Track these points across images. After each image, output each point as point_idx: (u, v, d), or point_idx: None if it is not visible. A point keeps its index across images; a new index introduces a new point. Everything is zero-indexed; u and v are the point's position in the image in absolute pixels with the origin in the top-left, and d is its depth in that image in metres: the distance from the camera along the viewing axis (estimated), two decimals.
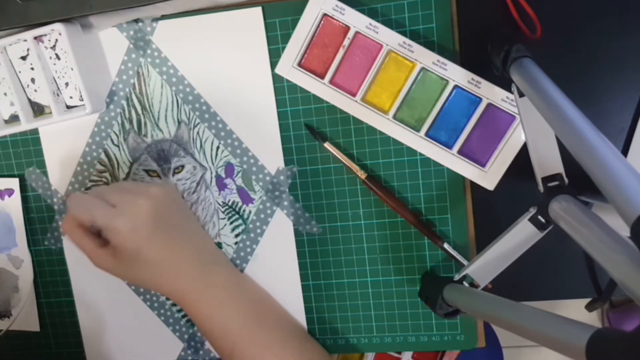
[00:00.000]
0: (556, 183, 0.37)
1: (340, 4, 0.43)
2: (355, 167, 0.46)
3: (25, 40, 0.47)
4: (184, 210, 0.48)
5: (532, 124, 0.37)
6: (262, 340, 0.45)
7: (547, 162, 0.37)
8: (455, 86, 0.43)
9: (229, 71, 0.47)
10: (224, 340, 0.45)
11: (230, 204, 0.49)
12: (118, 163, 0.50)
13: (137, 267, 0.43)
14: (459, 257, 0.45)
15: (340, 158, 0.46)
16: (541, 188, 0.37)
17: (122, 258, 0.43)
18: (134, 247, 0.42)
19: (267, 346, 0.45)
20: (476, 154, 0.44)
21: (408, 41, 0.43)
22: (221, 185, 0.49)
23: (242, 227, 0.50)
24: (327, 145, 0.46)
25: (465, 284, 0.41)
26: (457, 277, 0.41)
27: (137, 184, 0.46)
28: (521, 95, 0.38)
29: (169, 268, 0.44)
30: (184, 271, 0.44)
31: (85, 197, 0.43)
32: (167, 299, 0.52)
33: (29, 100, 0.50)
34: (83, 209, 0.42)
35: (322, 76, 0.45)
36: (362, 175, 0.46)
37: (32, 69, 0.48)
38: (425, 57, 0.43)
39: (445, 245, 0.46)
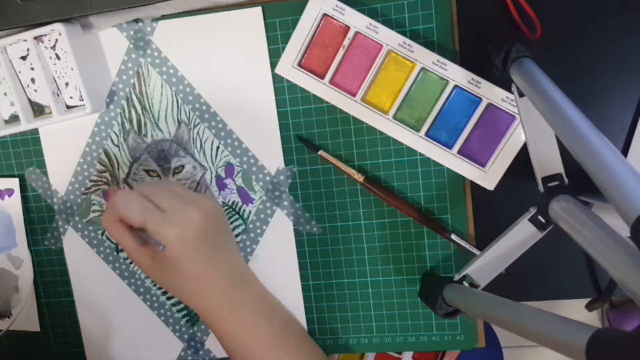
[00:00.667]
0: (556, 183, 0.37)
1: (340, 4, 0.43)
2: (352, 172, 0.46)
3: (25, 40, 0.47)
4: (227, 227, 0.47)
5: (532, 124, 0.37)
6: None
7: (547, 162, 0.37)
8: (455, 86, 0.43)
9: (229, 71, 0.47)
10: None
11: (230, 204, 0.49)
12: (118, 163, 0.50)
13: (171, 275, 0.43)
14: (467, 246, 0.45)
15: (336, 164, 0.46)
16: (541, 188, 0.37)
17: (160, 263, 0.42)
18: (175, 256, 0.41)
19: None
20: (476, 154, 0.44)
21: (408, 41, 0.43)
22: (221, 185, 0.49)
23: (242, 227, 0.50)
24: (321, 153, 0.47)
25: (465, 284, 0.41)
26: (457, 277, 0.41)
27: (188, 191, 0.45)
28: (521, 95, 0.38)
29: (203, 284, 0.43)
30: (216, 289, 0.44)
31: (136, 197, 0.41)
32: (164, 292, 0.52)
33: (29, 100, 0.50)
34: (133, 210, 0.41)
35: (322, 76, 0.45)
36: (359, 178, 0.46)
37: (32, 69, 0.48)
38: (425, 57, 0.43)
39: (453, 236, 0.46)
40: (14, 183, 0.52)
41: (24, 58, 0.48)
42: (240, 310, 0.45)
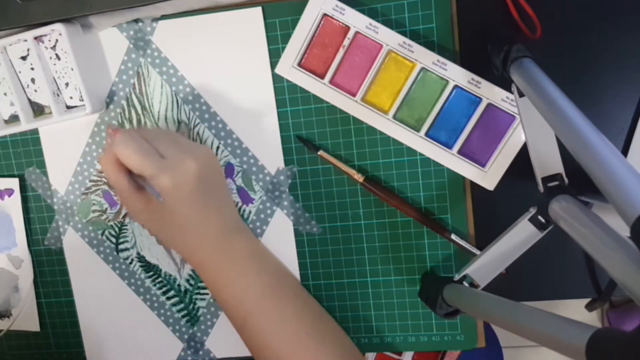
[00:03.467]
0: (556, 183, 0.37)
1: (340, 4, 0.43)
2: (351, 172, 0.46)
3: (26, 40, 0.47)
4: (221, 176, 0.47)
5: (532, 124, 0.37)
6: (277, 316, 0.44)
7: (547, 162, 0.37)
8: (455, 86, 0.43)
9: (229, 71, 0.47)
10: (238, 311, 0.45)
11: None
12: None
13: (164, 221, 0.43)
14: (467, 246, 0.45)
15: (336, 164, 0.46)
16: (541, 188, 0.37)
17: (153, 209, 0.42)
18: (170, 203, 0.42)
19: (281, 322, 0.44)
20: (476, 154, 0.44)
21: (408, 41, 0.43)
22: None
23: None
24: (321, 153, 0.47)
25: (465, 284, 0.41)
26: (457, 277, 0.41)
27: (188, 141, 0.45)
28: (521, 95, 0.38)
29: (195, 232, 0.43)
30: (208, 237, 0.44)
31: (137, 139, 0.41)
32: (164, 292, 0.52)
33: (29, 100, 0.50)
34: (133, 151, 0.40)
35: (322, 76, 0.45)
36: (359, 178, 0.46)
37: (32, 69, 0.48)
38: (425, 57, 0.43)
39: (453, 236, 0.46)
40: (14, 183, 0.52)
41: (24, 58, 0.48)
42: (233, 258, 0.45)
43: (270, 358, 0.44)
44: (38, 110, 0.50)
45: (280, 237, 0.49)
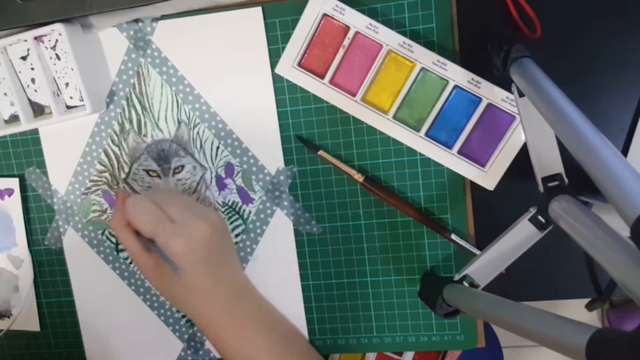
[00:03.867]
0: (556, 183, 0.37)
1: (340, 4, 0.43)
2: (352, 172, 0.46)
3: (26, 41, 0.47)
4: (230, 240, 0.48)
5: (532, 124, 0.37)
6: None
7: (547, 162, 0.37)
8: (455, 86, 0.43)
9: (229, 71, 0.47)
10: None
11: (230, 204, 0.49)
12: (118, 163, 0.50)
13: (173, 284, 0.43)
14: (467, 246, 0.45)
15: (336, 164, 0.46)
16: (541, 188, 0.37)
17: (163, 271, 0.43)
18: (182, 265, 0.42)
19: None
20: (476, 154, 0.44)
21: (408, 41, 0.43)
22: (221, 185, 0.49)
23: (242, 227, 0.50)
24: (321, 153, 0.47)
25: (465, 284, 0.41)
26: (457, 277, 0.41)
27: (197, 203, 0.46)
28: (521, 95, 0.38)
29: (205, 296, 0.43)
30: (217, 301, 0.44)
31: (149, 206, 0.42)
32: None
33: (29, 100, 0.50)
34: (145, 219, 0.42)
35: (322, 76, 0.45)
36: (359, 178, 0.46)
37: (32, 69, 0.48)
38: (425, 57, 0.43)
39: (453, 236, 0.46)
40: (14, 183, 0.52)
41: (24, 58, 0.48)
42: (241, 322, 0.45)
43: None
44: (38, 110, 0.50)
45: (280, 237, 0.49)
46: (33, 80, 0.49)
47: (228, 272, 0.45)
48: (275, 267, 0.49)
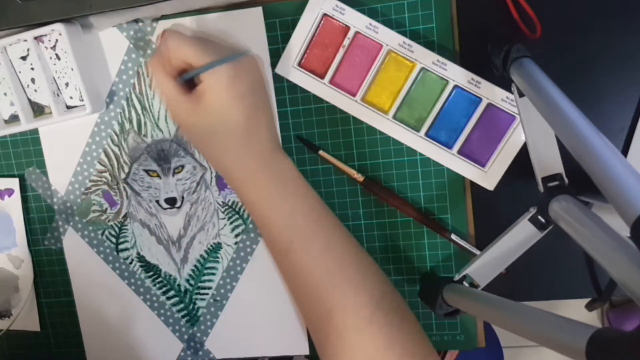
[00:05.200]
0: (556, 183, 0.37)
1: (340, 4, 0.43)
2: (352, 172, 0.46)
3: (26, 40, 0.47)
4: (266, 89, 0.44)
5: (532, 124, 0.37)
6: (323, 240, 0.42)
7: (547, 162, 0.37)
8: (455, 86, 0.43)
9: None
10: (284, 234, 0.42)
11: (230, 204, 0.49)
12: (118, 163, 0.50)
13: (212, 125, 0.40)
14: (467, 246, 0.45)
15: (336, 164, 0.46)
16: (541, 188, 0.37)
17: (203, 108, 0.39)
18: (226, 97, 0.39)
19: (327, 247, 0.42)
20: (476, 154, 0.44)
21: (408, 41, 0.43)
22: (221, 185, 0.49)
23: (242, 227, 0.50)
24: (321, 153, 0.47)
25: (465, 284, 0.41)
26: (457, 277, 0.41)
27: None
28: (521, 95, 0.38)
29: (244, 141, 0.40)
30: (256, 149, 0.41)
31: (189, 35, 0.40)
32: (164, 292, 0.52)
33: (29, 100, 0.50)
34: (189, 40, 0.39)
35: (322, 76, 0.45)
36: (359, 178, 0.46)
37: (32, 69, 0.48)
38: (425, 57, 0.43)
39: (453, 236, 0.46)
40: (14, 183, 0.52)
41: (24, 58, 0.48)
42: (281, 177, 0.42)
43: (312, 287, 0.42)
44: (38, 110, 0.50)
45: None
46: (33, 80, 0.49)
47: (268, 118, 0.42)
48: (275, 268, 0.49)
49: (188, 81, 0.40)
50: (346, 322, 0.40)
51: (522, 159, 0.41)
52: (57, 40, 0.47)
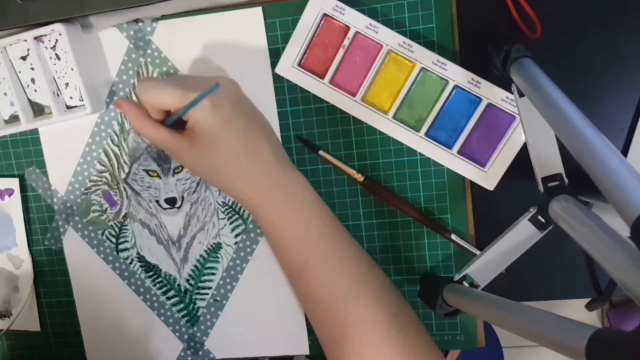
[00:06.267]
0: (556, 183, 0.37)
1: (340, 4, 0.43)
2: (352, 172, 0.46)
3: (26, 41, 0.47)
4: (252, 104, 0.44)
5: (532, 124, 0.37)
6: (338, 257, 0.42)
7: (547, 162, 0.37)
8: (455, 86, 0.43)
9: (229, 71, 0.47)
10: (299, 253, 0.42)
11: (230, 204, 0.49)
12: (118, 163, 0.50)
13: (211, 156, 0.40)
14: (467, 246, 0.45)
15: (336, 164, 0.46)
16: (541, 188, 0.37)
17: (199, 142, 0.40)
18: (214, 126, 0.39)
19: (342, 263, 0.42)
20: (476, 154, 0.45)
21: (408, 41, 0.43)
22: None
23: (242, 227, 0.50)
24: (321, 153, 0.47)
25: (465, 284, 0.41)
26: (457, 277, 0.41)
27: (196, 76, 0.43)
28: (521, 95, 0.38)
29: (246, 164, 0.40)
30: (260, 169, 0.41)
31: (158, 81, 0.40)
32: (164, 292, 0.52)
33: (29, 100, 0.50)
34: (159, 86, 0.39)
35: (322, 76, 0.45)
36: (359, 178, 0.46)
37: (32, 69, 0.48)
38: (425, 57, 0.43)
39: (453, 236, 0.46)
40: (14, 183, 0.52)
41: (24, 58, 0.48)
42: (292, 194, 0.42)
43: (328, 303, 0.41)
44: (38, 110, 0.50)
45: None
46: (33, 80, 0.49)
47: (265, 135, 0.42)
48: (275, 267, 0.49)
49: (174, 123, 0.41)
50: (362, 337, 0.40)
51: (522, 159, 0.41)
52: (57, 40, 0.47)
